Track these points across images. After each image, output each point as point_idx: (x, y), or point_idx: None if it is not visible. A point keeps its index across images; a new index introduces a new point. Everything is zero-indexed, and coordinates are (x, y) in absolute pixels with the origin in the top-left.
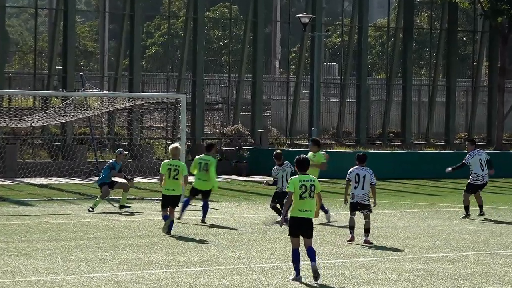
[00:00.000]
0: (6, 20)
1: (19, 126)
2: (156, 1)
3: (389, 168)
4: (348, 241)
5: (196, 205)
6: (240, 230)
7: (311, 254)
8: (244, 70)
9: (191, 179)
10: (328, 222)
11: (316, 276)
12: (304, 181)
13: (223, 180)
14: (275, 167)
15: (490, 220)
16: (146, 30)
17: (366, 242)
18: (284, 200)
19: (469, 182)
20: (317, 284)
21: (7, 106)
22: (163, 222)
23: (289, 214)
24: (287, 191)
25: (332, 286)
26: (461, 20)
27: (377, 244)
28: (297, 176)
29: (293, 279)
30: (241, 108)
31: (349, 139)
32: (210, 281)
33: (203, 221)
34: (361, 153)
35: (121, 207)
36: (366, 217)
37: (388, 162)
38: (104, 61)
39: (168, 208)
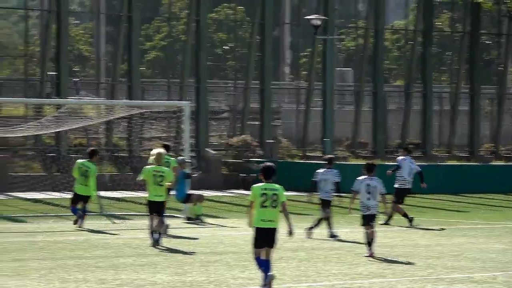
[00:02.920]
0: None
1: (10, 136)
2: (155, 2)
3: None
4: (367, 256)
5: (193, 227)
6: (249, 248)
7: (266, 269)
8: (251, 76)
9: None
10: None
11: None
12: (266, 189)
13: (230, 194)
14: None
15: None
16: (145, 33)
17: (371, 255)
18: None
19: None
20: None
21: None
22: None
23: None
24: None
25: None
26: (485, 22)
27: (398, 264)
28: (260, 184)
29: (264, 284)
30: (248, 117)
31: (365, 150)
32: None
33: (78, 225)
34: (370, 163)
35: (190, 219)
36: (373, 227)
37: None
38: (100, 67)
39: (155, 216)
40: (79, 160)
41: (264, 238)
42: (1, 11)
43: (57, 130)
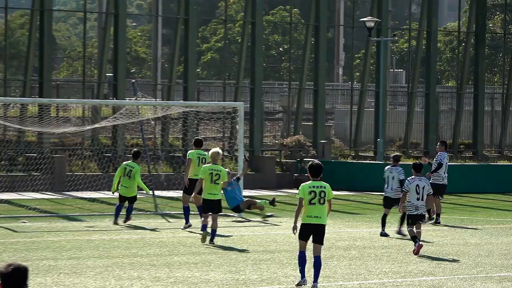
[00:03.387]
0: (53, 24)
1: (67, 133)
2: (211, 4)
3: (460, 181)
4: (416, 251)
5: (239, 225)
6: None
7: (317, 265)
8: (305, 78)
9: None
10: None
11: None
12: (314, 187)
13: (283, 194)
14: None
15: None
16: (201, 35)
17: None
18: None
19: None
20: None
21: (55, 115)
22: (216, 238)
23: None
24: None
25: None
26: None
27: (448, 262)
28: (308, 182)
29: (297, 284)
30: (302, 117)
31: (417, 150)
32: None
33: (125, 221)
34: (418, 162)
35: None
36: (420, 227)
37: (459, 175)
38: (157, 68)
39: (210, 215)
40: (124, 162)
41: (311, 234)
42: (60, 13)
43: (114, 131)
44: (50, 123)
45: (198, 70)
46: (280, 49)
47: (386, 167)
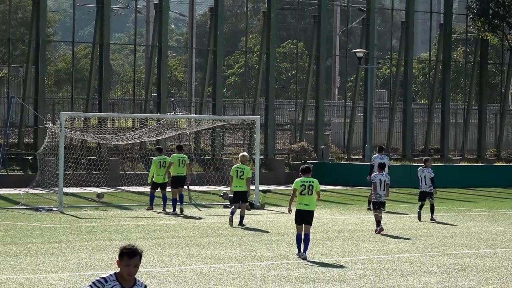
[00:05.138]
0: (110, 55)
1: (120, 143)
2: (235, 39)
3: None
4: (378, 231)
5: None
6: None
7: (306, 241)
8: (308, 96)
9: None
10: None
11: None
12: (304, 181)
13: (290, 188)
14: (420, 168)
15: None
16: (227, 63)
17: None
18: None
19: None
20: (371, 273)
21: (111, 126)
22: (235, 219)
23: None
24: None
25: (382, 277)
26: (491, 54)
27: (420, 243)
28: (300, 178)
29: (297, 254)
30: (306, 128)
31: (396, 154)
32: (280, 273)
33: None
34: (382, 163)
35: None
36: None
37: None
38: (192, 89)
39: (239, 203)
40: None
41: (302, 218)
42: (116, 46)
43: (158, 138)
44: (124, 135)
45: (224, 90)
46: (289, 74)
47: (419, 168)
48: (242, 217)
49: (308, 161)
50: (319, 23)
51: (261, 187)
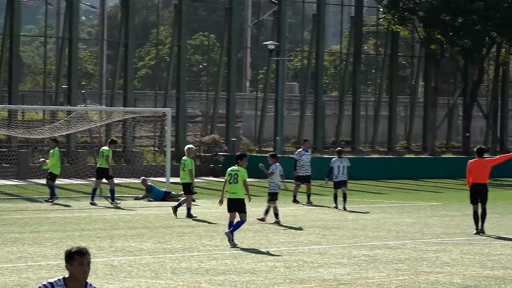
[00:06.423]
0: (20, 46)
1: (31, 137)
2: (146, 31)
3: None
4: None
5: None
6: (216, 222)
7: (237, 224)
8: (220, 89)
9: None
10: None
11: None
12: (232, 171)
13: (202, 180)
14: (334, 159)
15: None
16: (138, 55)
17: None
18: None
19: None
20: (281, 265)
21: (21, 119)
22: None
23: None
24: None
25: (293, 269)
26: (402, 47)
27: (331, 234)
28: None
29: (228, 236)
30: (217, 120)
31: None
32: (190, 265)
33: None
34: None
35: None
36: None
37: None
38: (102, 81)
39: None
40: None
41: (231, 206)
42: (26, 38)
43: (68, 132)
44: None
45: (135, 82)
46: (200, 66)
47: (334, 159)
48: (188, 209)
49: (219, 153)
50: (230, 15)
51: (175, 180)
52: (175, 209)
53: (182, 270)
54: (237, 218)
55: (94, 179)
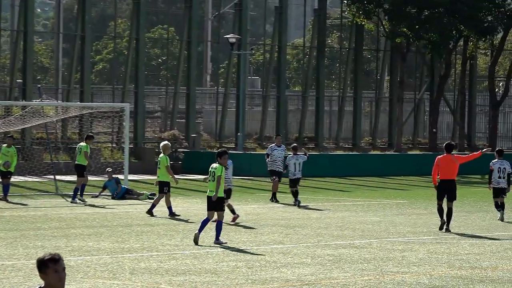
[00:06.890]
0: None
1: None
2: (103, 23)
3: (304, 168)
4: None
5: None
6: (175, 221)
7: (218, 228)
8: (179, 83)
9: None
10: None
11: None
12: (211, 168)
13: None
14: (289, 155)
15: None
16: (95, 48)
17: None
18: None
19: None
20: (243, 265)
21: None
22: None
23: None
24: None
25: (255, 269)
26: (367, 40)
27: (294, 233)
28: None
29: (196, 233)
30: (177, 116)
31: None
32: (150, 265)
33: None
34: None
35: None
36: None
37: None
38: (59, 75)
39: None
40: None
41: (210, 204)
42: None
43: (23, 127)
44: None
45: (92, 77)
46: (159, 60)
47: (290, 156)
48: (153, 205)
49: (179, 149)
50: (190, 8)
51: (134, 178)
52: (150, 211)
53: (141, 270)
54: (215, 216)
55: (50, 176)
